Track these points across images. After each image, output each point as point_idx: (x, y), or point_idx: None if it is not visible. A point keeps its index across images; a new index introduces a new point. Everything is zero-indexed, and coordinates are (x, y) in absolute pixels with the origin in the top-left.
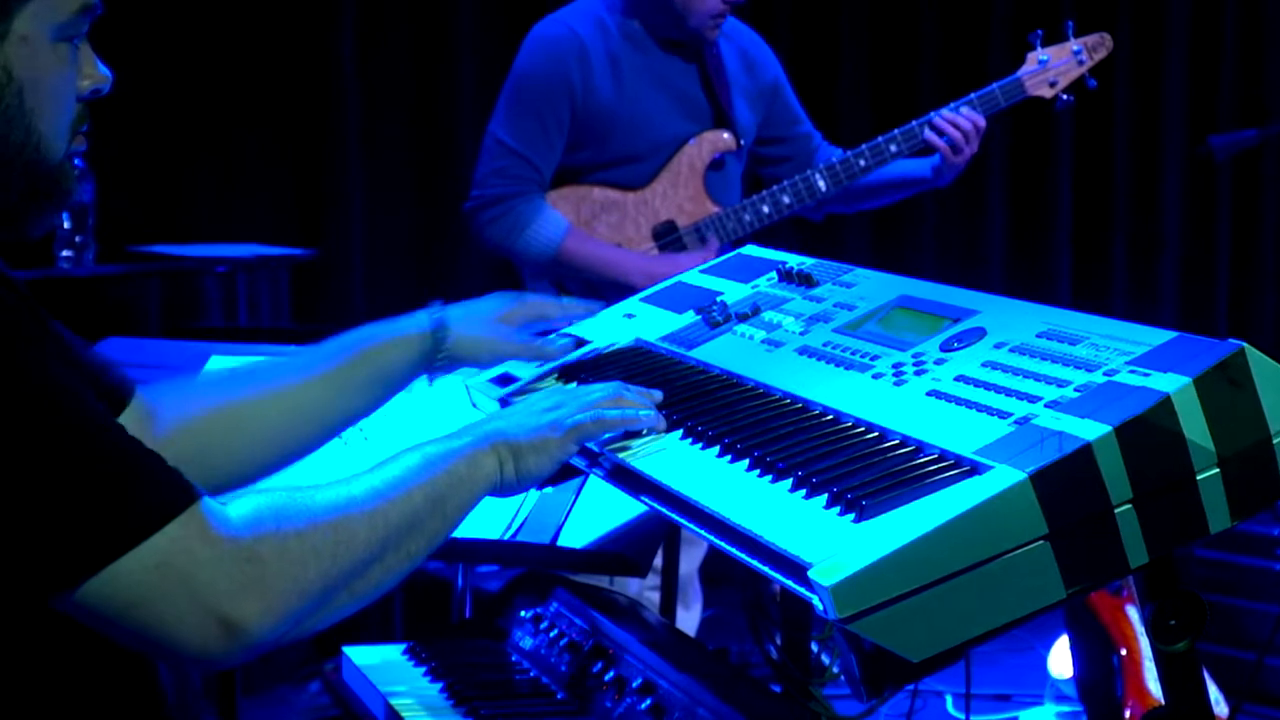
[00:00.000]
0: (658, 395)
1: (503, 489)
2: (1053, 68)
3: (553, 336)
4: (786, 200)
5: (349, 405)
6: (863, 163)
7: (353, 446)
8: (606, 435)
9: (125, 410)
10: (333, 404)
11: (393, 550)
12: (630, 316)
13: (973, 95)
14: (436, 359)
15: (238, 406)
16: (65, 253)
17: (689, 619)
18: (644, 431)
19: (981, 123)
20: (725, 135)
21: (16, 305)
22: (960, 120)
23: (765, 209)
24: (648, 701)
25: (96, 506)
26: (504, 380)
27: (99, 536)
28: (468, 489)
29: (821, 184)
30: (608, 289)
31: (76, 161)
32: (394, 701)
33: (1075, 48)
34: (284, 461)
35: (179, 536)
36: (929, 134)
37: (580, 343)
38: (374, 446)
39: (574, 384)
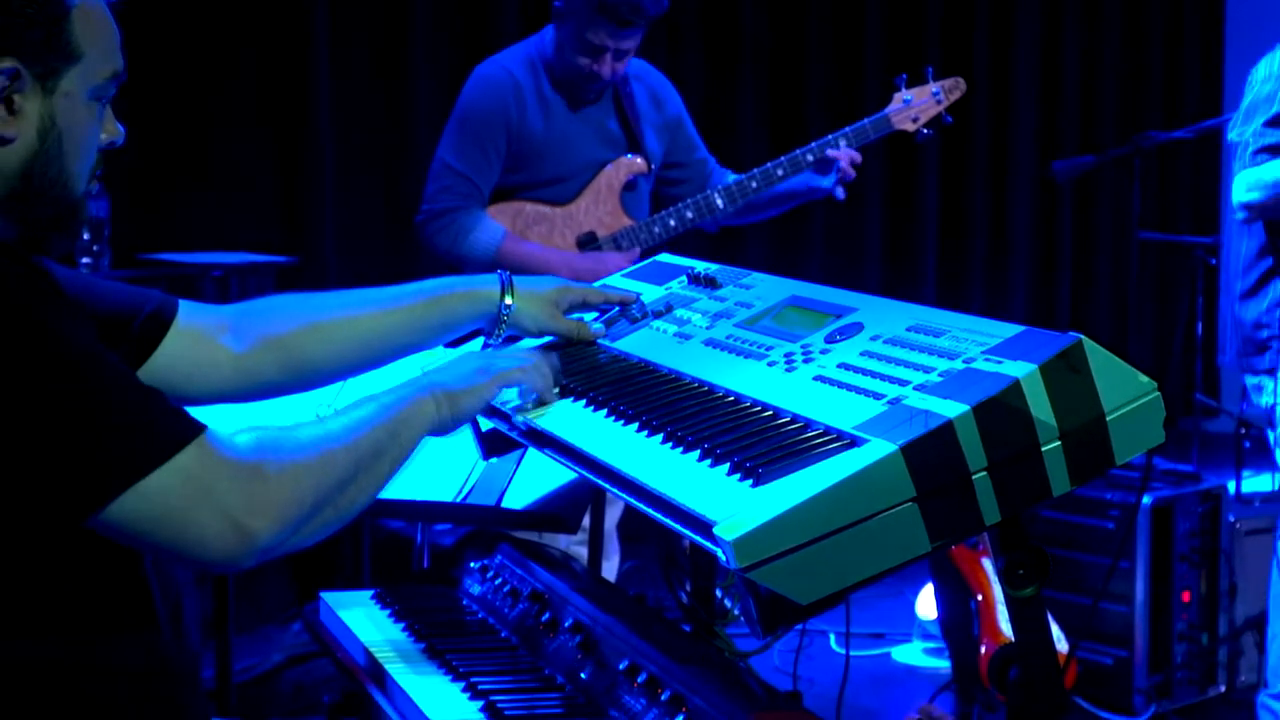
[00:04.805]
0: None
1: (441, 428)
2: (915, 106)
3: (589, 319)
4: (690, 215)
5: (417, 338)
6: (754, 184)
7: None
8: (531, 396)
9: (171, 328)
10: (404, 334)
11: (364, 472)
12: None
13: (846, 129)
14: (497, 320)
15: (325, 324)
16: (85, 259)
17: (609, 569)
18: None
19: (857, 158)
20: (638, 160)
21: (35, 276)
22: (853, 154)
23: (672, 222)
24: (578, 639)
25: (127, 433)
26: None
27: (131, 457)
28: (416, 425)
29: (720, 202)
30: None
31: (93, 186)
32: (364, 638)
33: (934, 89)
34: (353, 373)
35: (198, 455)
36: (832, 153)
37: None
38: None
39: None
